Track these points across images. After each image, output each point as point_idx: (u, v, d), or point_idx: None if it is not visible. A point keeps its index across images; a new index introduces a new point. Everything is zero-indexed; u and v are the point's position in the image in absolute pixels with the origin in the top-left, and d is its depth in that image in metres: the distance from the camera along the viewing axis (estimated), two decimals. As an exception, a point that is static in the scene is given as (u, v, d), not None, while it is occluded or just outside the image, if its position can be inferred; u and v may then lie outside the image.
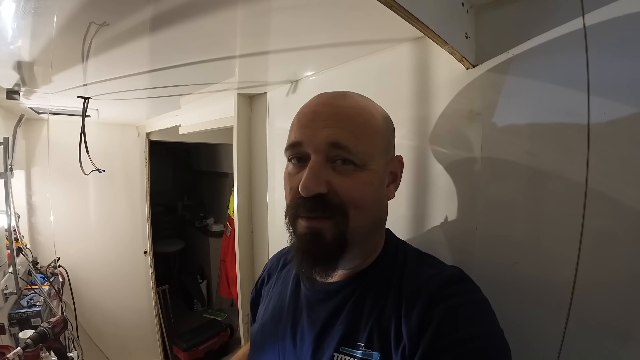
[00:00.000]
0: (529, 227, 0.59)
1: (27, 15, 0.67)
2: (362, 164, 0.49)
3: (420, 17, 0.45)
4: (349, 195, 0.49)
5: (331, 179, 0.49)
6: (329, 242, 0.49)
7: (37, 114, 1.81)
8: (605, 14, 0.49)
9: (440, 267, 0.54)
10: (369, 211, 0.52)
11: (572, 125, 0.53)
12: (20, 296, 1.56)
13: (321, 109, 0.51)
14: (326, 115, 0.50)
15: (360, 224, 0.50)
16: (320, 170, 0.48)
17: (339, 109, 0.51)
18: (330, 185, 0.48)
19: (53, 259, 1.93)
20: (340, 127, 0.49)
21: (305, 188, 0.47)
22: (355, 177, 0.49)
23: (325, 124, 0.49)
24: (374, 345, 0.48)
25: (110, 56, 0.90)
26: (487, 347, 0.43)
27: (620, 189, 0.49)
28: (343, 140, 0.48)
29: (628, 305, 0.48)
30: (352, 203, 0.49)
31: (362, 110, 0.52)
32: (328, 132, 0.49)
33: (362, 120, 0.51)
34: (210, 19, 0.69)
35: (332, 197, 0.49)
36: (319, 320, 0.55)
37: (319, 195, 0.48)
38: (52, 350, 1.25)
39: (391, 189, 0.57)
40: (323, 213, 0.49)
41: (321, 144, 0.49)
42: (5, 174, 1.50)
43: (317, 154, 0.49)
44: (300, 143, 0.51)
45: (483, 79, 0.64)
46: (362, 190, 0.50)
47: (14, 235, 1.58)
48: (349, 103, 0.52)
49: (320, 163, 0.49)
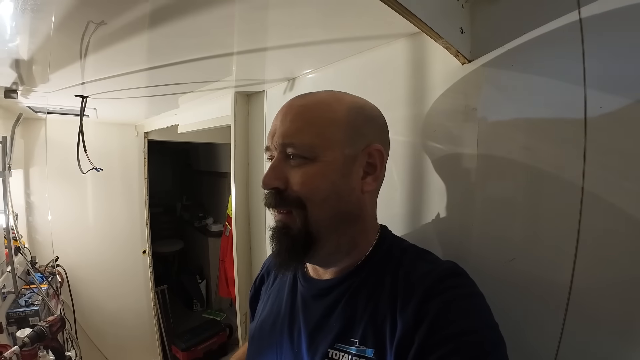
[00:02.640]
0: (525, 223, 0.59)
1: (25, 14, 0.67)
2: (311, 157, 0.51)
3: (414, 10, 0.45)
4: (300, 189, 0.51)
5: (288, 174, 0.52)
6: (294, 234, 0.52)
7: (36, 113, 1.81)
8: (601, 6, 0.49)
9: (436, 262, 0.54)
10: (325, 203, 0.51)
11: (568, 119, 0.52)
12: (18, 295, 1.56)
13: (284, 110, 0.55)
14: (284, 115, 0.54)
15: (320, 216, 0.52)
16: (279, 167, 0.52)
17: (292, 109, 0.54)
18: (288, 181, 0.52)
19: (51, 258, 1.93)
20: (290, 124, 0.53)
21: (263, 183, 0.52)
22: (303, 170, 0.51)
23: (280, 124, 0.54)
24: (368, 341, 0.48)
25: (107, 54, 0.90)
26: (483, 341, 0.43)
27: (618, 183, 0.48)
28: (287, 138, 0.52)
29: (627, 302, 0.47)
30: (304, 196, 0.51)
31: (316, 105, 0.54)
32: (280, 131, 0.53)
33: (312, 115, 0.53)
34: (205, 15, 0.69)
35: (290, 192, 0.52)
36: (314, 317, 0.55)
37: (277, 190, 0.52)
38: (49, 349, 1.25)
39: (368, 181, 0.54)
40: (279, 207, 0.53)
41: (277, 142, 0.53)
42: (3, 173, 1.51)
43: (277, 152, 0.54)
44: (268, 147, 0.56)
45: (479, 74, 0.63)
46: (311, 182, 0.51)
47: (12, 234, 1.58)
48: (305, 101, 0.55)
49: (279, 160, 0.53)
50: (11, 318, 1.47)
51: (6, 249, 1.55)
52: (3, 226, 1.54)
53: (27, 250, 1.74)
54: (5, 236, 1.55)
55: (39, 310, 1.52)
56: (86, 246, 2.29)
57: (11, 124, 1.58)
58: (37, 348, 1.18)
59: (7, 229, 1.55)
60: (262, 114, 1.35)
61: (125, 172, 2.48)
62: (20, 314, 1.48)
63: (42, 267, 1.87)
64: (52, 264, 1.93)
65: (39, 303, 1.56)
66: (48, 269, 1.90)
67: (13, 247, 1.58)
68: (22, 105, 1.60)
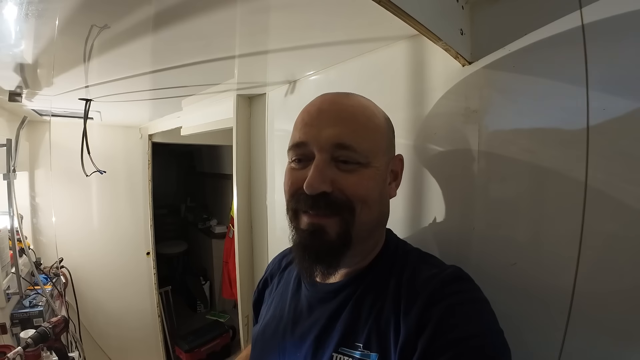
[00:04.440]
0: (527, 226, 0.58)
1: (29, 19, 0.68)
2: (365, 162, 0.50)
3: (411, 12, 0.44)
4: (356, 192, 0.49)
5: (336, 177, 0.49)
6: (332, 238, 0.50)
7: (40, 116, 1.83)
8: (603, 7, 0.48)
9: (441, 266, 0.53)
10: (375, 207, 0.52)
11: (570, 121, 0.52)
12: (23, 296, 1.58)
13: (326, 107, 0.52)
14: (330, 113, 0.51)
15: (367, 219, 0.51)
16: (325, 169, 0.49)
17: (343, 107, 0.52)
18: (335, 184, 0.49)
19: (56, 260, 1.94)
20: (344, 125, 0.50)
21: (310, 186, 0.48)
22: (360, 174, 0.50)
23: (329, 122, 0.50)
24: (372, 346, 0.48)
25: (111, 58, 0.91)
26: (486, 346, 0.42)
27: (621, 187, 0.47)
28: (347, 140, 0.49)
29: (630, 307, 0.47)
30: (359, 199, 0.50)
31: (365, 109, 0.53)
32: (332, 131, 0.49)
33: (365, 119, 0.52)
34: (208, 19, 0.69)
35: (337, 195, 0.49)
36: (319, 320, 0.55)
37: (323, 193, 0.49)
38: (52, 350, 1.26)
39: (393, 187, 0.58)
40: (326, 211, 0.50)
41: (326, 143, 0.49)
42: (8, 175, 1.52)
43: (321, 153, 0.49)
44: (305, 143, 0.51)
45: (479, 76, 0.63)
46: (367, 185, 0.51)
47: (16, 236, 1.59)
48: (352, 102, 0.53)
49: (325, 161, 0.49)
50: (15, 319, 1.48)
51: (11, 251, 1.57)
52: (8, 228, 1.55)
53: (31, 252, 1.75)
54: (10, 238, 1.56)
55: (43, 311, 1.53)
56: (90, 248, 2.30)
57: (16, 127, 1.60)
58: (40, 349, 1.19)
59: (11, 231, 1.56)
60: (264, 116, 1.35)
61: (129, 174, 2.50)
62: (24, 314, 1.50)
63: (46, 268, 1.89)
64: (56, 266, 1.95)
65: (43, 304, 1.57)
66: (52, 270, 1.92)
67: (17, 249, 1.60)
68: (27, 108, 1.62)
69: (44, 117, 1.86)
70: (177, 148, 4.30)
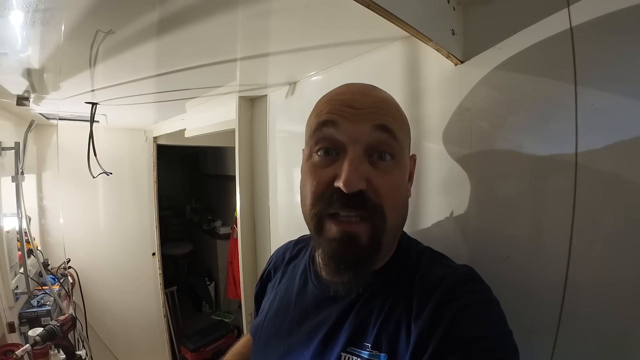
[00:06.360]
0: (520, 221, 0.59)
1: (36, 25, 0.69)
2: (400, 154, 0.48)
3: (399, 15, 0.45)
4: (388, 195, 0.46)
5: (370, 175, 0.45)
6: (364, 245, 0.46)
7: (47, 120, 1.86)
8: (590, 5, 0.49)
9: (452, 266, 0.53)
10: (402, 211, 0.51)
11: (560, 117, 0.53)
12: (31, 296, 1.61)
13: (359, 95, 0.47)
14: (365, 96, 0.47)
15: (395, 224, 0.49)
16: (360, 165, 0.45)
17: (377, 93, 0.49)
18: (369, 183, 0.45)
19: (63, 260, 1.98)
20: (382, 109, 0.47)
21: (349, 183, 0.43)
22: (393, 176, 0.47)
23: (365, 103, 0.46)
24: (381, 346, 0.47)
25: (116, 62, 0.93)
26: (496, 348, 0.41)
27: (610, 181, 0.48)
28: (388, 124, 0.45)
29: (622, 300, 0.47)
30: (389, 203, 0.46)
31: (394, 103, 0.52)
32: (372, 115, 0.45)
33: (397, 110, 0.50)
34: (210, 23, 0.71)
35: (370, 195, 0.45)
36: (328, 319, 0.53)
37: (359, 192, 0.44)
38: (60, 348, 1.29)
39: (408, 187, 0.55)
40: (362, 212, 0.46)
41: (364, 129, 0.45)
42: (16, 177, 1.55)
43: (355, 145, 0.45)
44: (334, 122, 0.45)
45: (471, 75, 0.64)
46: (399, 189, 0.49)
47: (25, 237, 1.63)
48: (382, 94, 0.51)
49: (360, 156, 0.45)
50: (24, 318, 1.51)
51: (19, 251, 1.60)
52: (16, 229, 1.59)
53: (39, 253, 1.78)
54: (18, 239, 1.60)
55: (51, 311, 1.56)
56: (97, 248, 2.33)
57: (24, 131, 1.62)
58: (48, 347, 1.21)
59: (20, 232, 1.59)
60: (265, 117, 1.37)
61: (134, 176, 2.52)
62: (32, 314, 1.53)
63: (54, 268, 1.93)
64: (64, 266, 1.98)
65: (51, 303, 1.60)
66: (60, 270, 1.95)
67: (26, 250, 1.63)
68: (34, 112, 1.65)
69: (51, 121, 1.88)
70: (181, 150, 4.34)
